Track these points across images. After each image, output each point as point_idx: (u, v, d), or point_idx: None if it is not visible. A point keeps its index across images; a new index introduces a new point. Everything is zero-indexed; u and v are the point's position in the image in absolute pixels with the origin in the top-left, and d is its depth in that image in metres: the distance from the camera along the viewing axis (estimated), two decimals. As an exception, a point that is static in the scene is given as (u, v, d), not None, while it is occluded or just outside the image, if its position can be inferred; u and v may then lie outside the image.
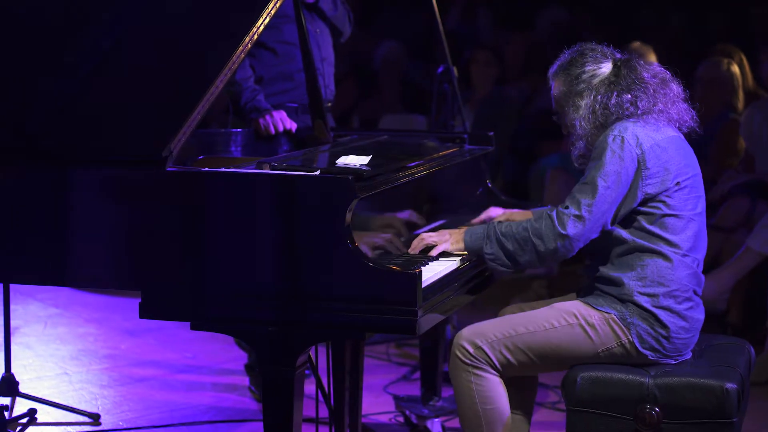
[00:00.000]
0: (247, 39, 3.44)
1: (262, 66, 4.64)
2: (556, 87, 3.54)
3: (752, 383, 3.89)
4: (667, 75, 3.52)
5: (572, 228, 3.29)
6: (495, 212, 3.78)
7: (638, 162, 3.34)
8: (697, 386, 3.27)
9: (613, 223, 3.37)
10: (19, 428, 4.50)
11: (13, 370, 4.68)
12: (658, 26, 8.85)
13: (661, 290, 3.37)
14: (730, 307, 5.69)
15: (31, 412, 4.58)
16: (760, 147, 5.95)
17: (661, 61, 7.00)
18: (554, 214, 3.31)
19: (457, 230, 3.52)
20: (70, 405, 4.74)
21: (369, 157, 3.41)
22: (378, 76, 8.61)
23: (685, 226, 3.39)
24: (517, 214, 3.76)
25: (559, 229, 3.29)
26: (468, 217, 3.88)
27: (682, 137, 3.50)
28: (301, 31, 4.11)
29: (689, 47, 8.39)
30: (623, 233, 3.39)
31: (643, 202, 3.37)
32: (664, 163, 3.36)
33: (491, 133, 4.35)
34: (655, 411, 3.28)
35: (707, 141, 6.23)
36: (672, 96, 3.48)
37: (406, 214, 3.72)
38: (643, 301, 3.37)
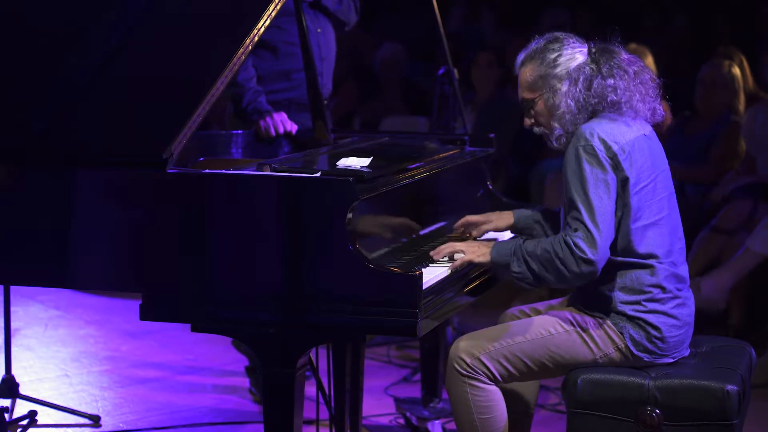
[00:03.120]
0: (248, 40, 3.43)
1: (261, 64, 4.63)
2: (530, 72, 3.47)
3: (753, 385, 3.88)
4: (641, 64, 3.48)
5: (588, 249, 3.24)
6: (472, 218, 3.76)
7: (611, 166, 3.29)
8: (697, 388, 3.27)
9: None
10: (19, 430, 4.50)
11: (13, 372, 4.69)
12: (661, 27, 8.85)
13: (642, 297, 3.36)
14: (731, 308, 5.68)
15: (32, 414, 4.58)
16: (761, 149, 5.95)
17: (664, 62, 7.04)
18: (569, 240, 3.25)
19: (485, 243, 3.49)
20: (70, 407, 4.74)
21: (370, 159, 3.41)
22: (379, 78, 8.61)
23: (655, 234, 3.37)
24: (494, 215, 3.75)
25: (578, 253, 3.24)
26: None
27: (647, 134, 3.44)
28: (301, 31, 4.10)
29: (693, 49, 8.39)
30: None
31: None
32: (630, 165, 3.32)
33: (492, 135, 4.34)
34: (656, 413, 3.27)
35: (709, 143, 6.24)
36: (643, 89, 3.43)
37: (407, 216, 3.71)
38: (628, 310, 3.36)
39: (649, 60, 6.71)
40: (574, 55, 3.45)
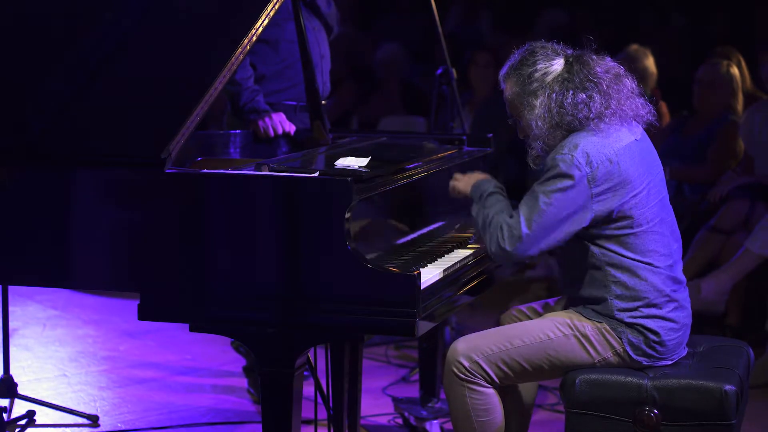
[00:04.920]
0: (246, 40, 3.44)
1: (264, 63, 4.62)
2: (509, 89, 3.46)
3: (751, 386, 3.89)
4: (621, 70, 3.44)
5: (509, 243, 3.28)
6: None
7: (587, 180, 3.27)
8: (695, 388, 3.27)
9: (566, 240, 3.33)
10: (17, 430, 4.50)
11: (11, 372, 4.68)
12: (658, 28, 8.86)
13: (638, 303, 3.36)
14: (729, 309, 5.68)
15: (30, 414, 4.58)
16: (759, 149, 5.95)
17: (663, 62, 7.04)
18: (502, 223, 3.30)
19: (478, 177, 3.56)
20: (68, 407, 4.74)
21: (368, 159, 3.42)
22: (378, 78, 8.61)
23: (652, 240, 3.36)
24: (477, 174, 3.70)
25: (500, 237, 3.29)
26: (467, 219, 3.87)
27: (638, 139, 3.41)
28: (299, 29, 4.10)
29: (690, 49, 8.40)
30: (594, 249, 3.37)
31: (604, 222, 3.32)
32: (616, 178, 3.30)
33: (490, 135, 4.35)
34: (654, 413, 3.28)
35: (707, 143, 6.24)
36: (626, 92, 3.39)
37: (405, 216, 3.71)
38: (625, 317, 3.36)
39: (650, 61, 6.72)
40: (549, 67, 3.40)
